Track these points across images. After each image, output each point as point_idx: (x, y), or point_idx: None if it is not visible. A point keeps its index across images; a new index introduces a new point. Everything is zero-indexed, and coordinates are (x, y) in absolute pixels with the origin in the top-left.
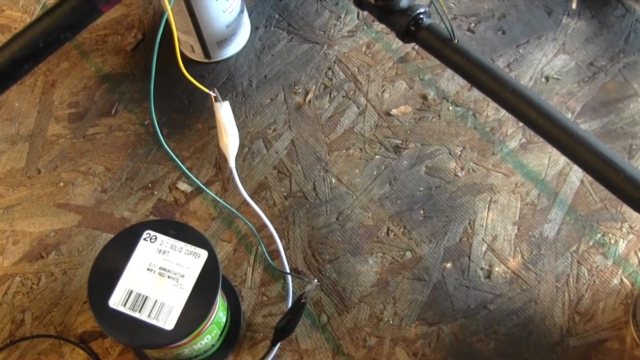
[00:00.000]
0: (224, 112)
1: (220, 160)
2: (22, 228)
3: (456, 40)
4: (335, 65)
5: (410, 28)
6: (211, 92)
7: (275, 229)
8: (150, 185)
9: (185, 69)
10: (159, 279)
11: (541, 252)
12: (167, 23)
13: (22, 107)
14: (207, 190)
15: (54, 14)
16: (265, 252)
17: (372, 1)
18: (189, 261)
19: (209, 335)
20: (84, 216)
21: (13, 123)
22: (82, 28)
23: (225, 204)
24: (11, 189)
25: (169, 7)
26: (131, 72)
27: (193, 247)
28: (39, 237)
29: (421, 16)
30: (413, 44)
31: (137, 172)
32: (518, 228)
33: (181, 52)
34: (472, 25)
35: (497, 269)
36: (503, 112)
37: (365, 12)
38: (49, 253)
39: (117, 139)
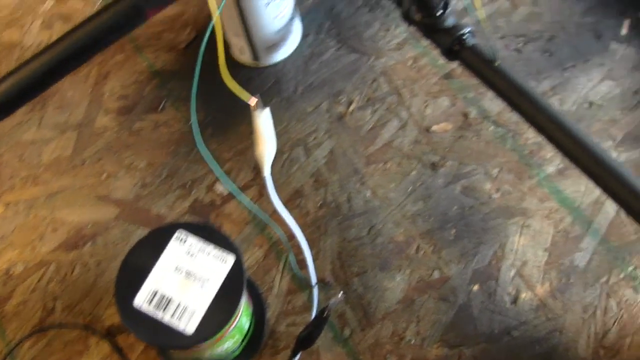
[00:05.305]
0: (264, 119)
1: (259, 164)
2: (62, 216)
3: (497, 63)
4: (381, 77)
5: (454, 47)
6: (250, 101)
7: (307, 238)
8: (189, 184)
9: (233, 71)
10: (184, 281)
11: (570, 281)
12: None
13: (74, 96)
14: (241, 197)
15: (101, 17)
16: (293, 262)
17: (419, 18)
18: (215, 265)
19: (230, 340)
20: (122, 209)
21: (64, 111)
22: (128, 32)
23: (257, 212)
24: (56, 176)
25: (216, 14)
26: (181, 70)
27: (221, 251)
28: (77, 227)
29: (465, 36)
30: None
31: (177, 170)
32: (549, 255)
33: (231, 54)
34: (520, 45)
35: (523, 295)
36: None
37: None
38: (85, 243)
39: (161, 135)
